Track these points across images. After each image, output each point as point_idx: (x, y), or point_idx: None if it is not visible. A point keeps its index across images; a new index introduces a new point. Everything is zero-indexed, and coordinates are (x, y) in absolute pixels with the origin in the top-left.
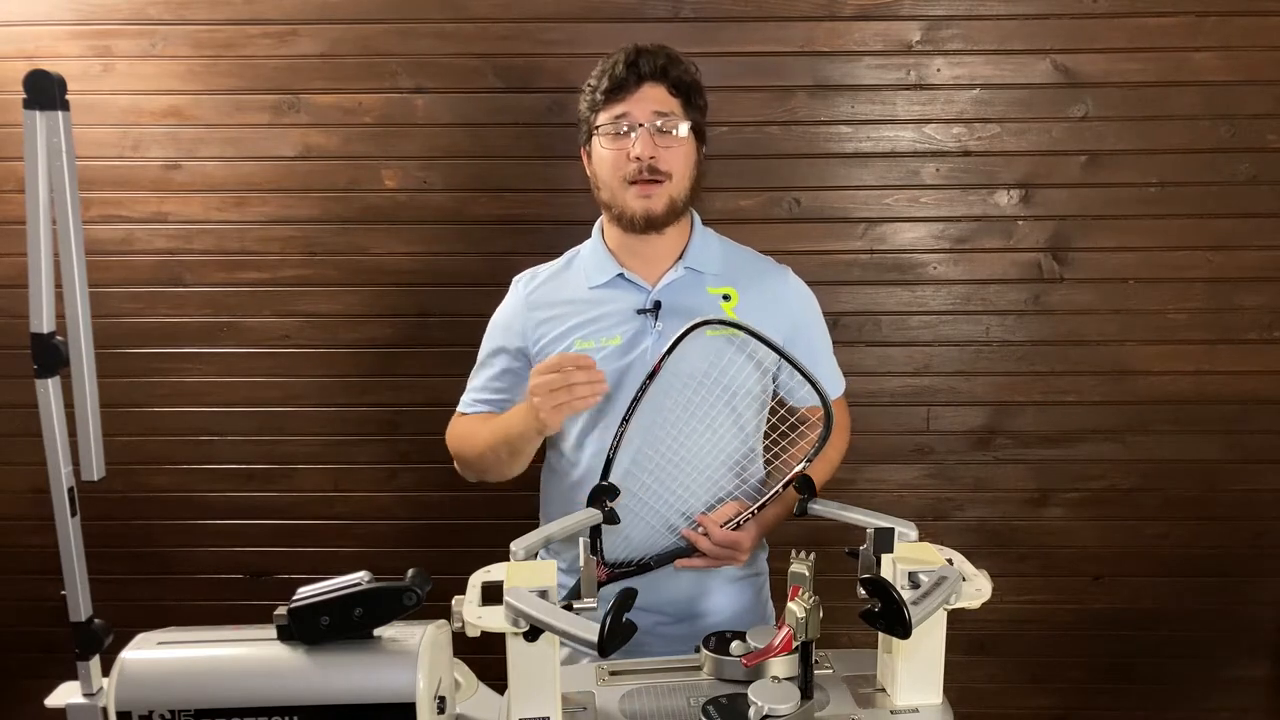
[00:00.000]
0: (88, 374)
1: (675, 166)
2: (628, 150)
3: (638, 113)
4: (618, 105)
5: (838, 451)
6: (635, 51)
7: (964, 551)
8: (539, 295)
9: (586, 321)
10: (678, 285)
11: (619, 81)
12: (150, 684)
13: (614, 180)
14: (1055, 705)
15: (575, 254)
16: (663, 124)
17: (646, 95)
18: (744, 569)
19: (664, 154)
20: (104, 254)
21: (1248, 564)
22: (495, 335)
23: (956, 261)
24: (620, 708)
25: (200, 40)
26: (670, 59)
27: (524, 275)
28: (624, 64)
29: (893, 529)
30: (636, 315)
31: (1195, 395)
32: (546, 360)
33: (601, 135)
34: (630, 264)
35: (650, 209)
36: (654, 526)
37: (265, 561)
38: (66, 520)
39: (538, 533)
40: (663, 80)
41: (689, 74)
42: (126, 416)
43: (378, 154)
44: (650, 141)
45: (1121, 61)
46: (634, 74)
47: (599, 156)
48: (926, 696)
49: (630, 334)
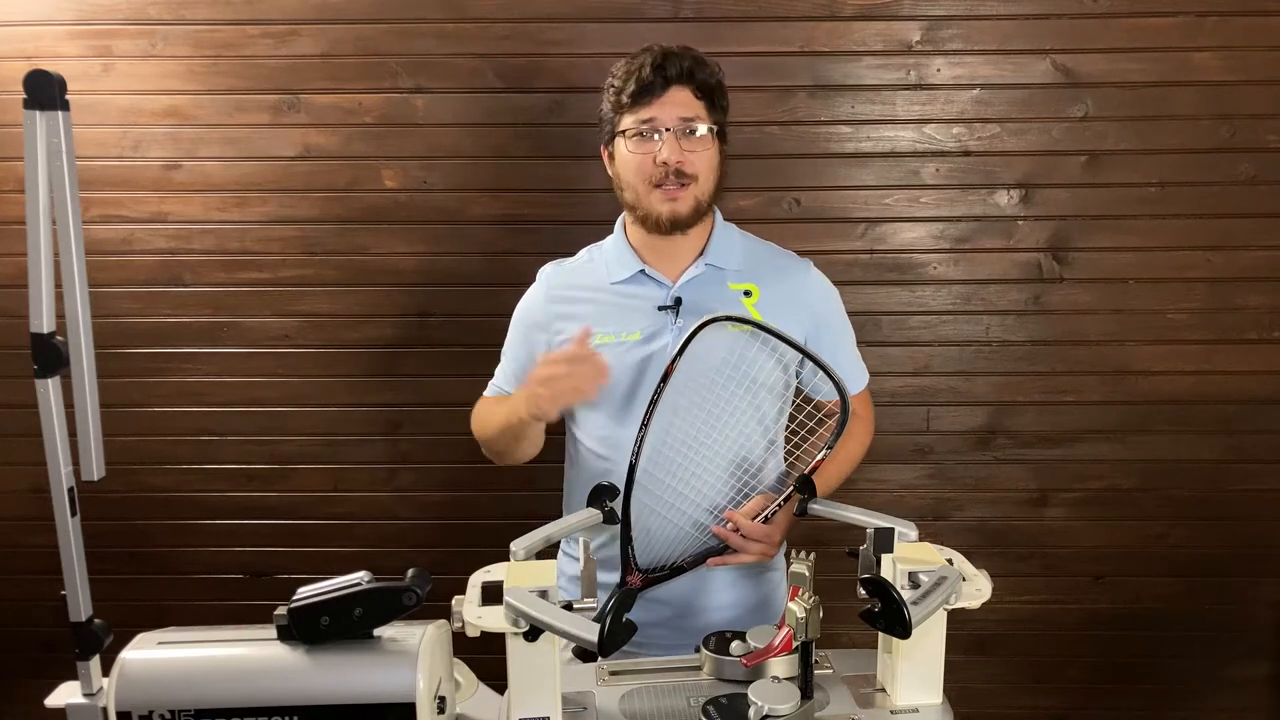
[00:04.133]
0: (88, 374)
1: (700, 169)
2: (654, 155)
3: (664, 117)
4: (644, 109)
5: (860, 444)
6: (662, 54)
7: (964, 551)
8: (561, 288)
9: (607, 316)
10: (699, 282)
11: (646, 85)
12: (150, 684)
13: (639, 183)
14: (1055, 705)
15: (598, 248)
16: (689, 128)
17: (673, 99)
18: (753, 564)
19: (689, 157)
20: (104, 254)
21: (1248, 564)
22: (517, 324)
23: (956, 261)
24: (620, 708)
25: (200, 40)
26: (696, 61)
27: (549, 266)
28: (651, 67)
29: (893, 529)
30: (657, 311)
31: (1195, 395)
32: (553, 353)
33: (628, 139)
34: (652, 260)
35: (676, 211)
36: (680, 526)
37: (265, 561)
38: (66, 520)
39: (538, 532)
40: (689, 83)
41: (714, 76)
42: (126, 416)
43: (378, 154)
44: (676, 146)
45: (1121, 61)
46: (660, 77)
47: (624, 159)
48: (926, 696)
49: (650, 329)
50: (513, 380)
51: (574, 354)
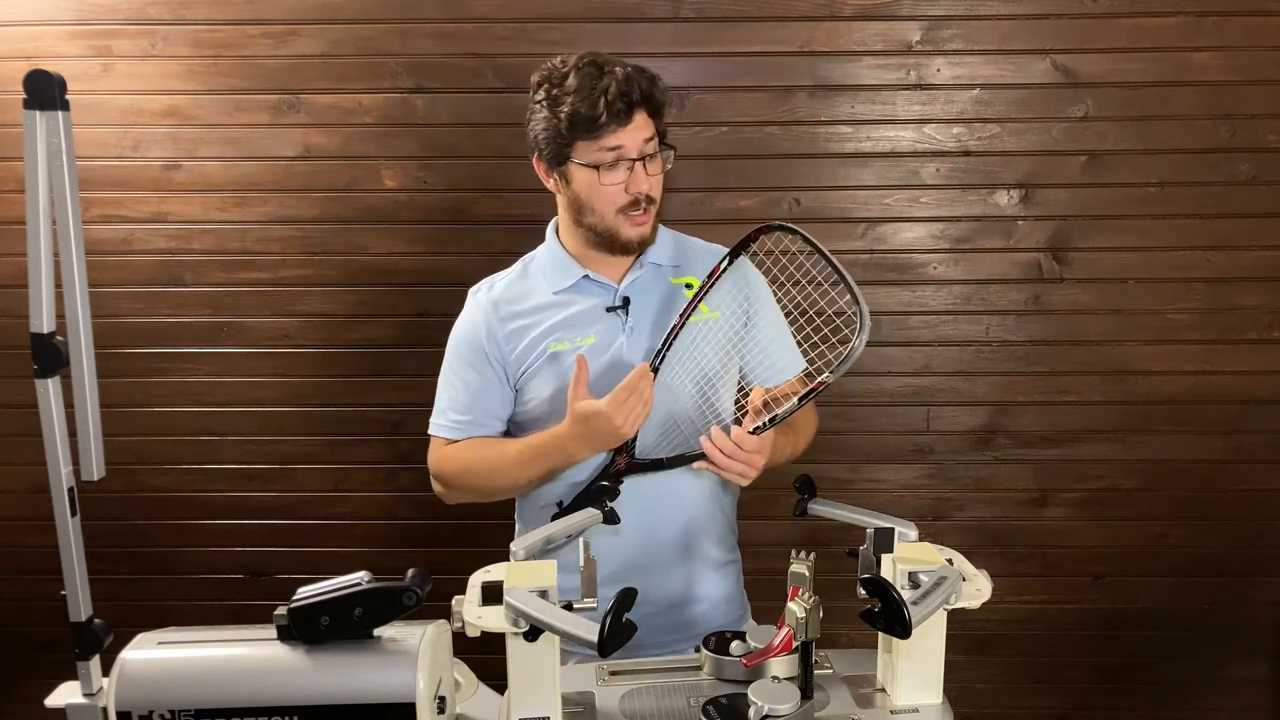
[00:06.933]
0: (88, 374)
1: (660, 189)
2: (625, 184)
3: (631, 145)
4: (610, 137)
5: (810, 425)
6: (625, 78)
7: (964, 551)
8: (505, 304)
9: (557, 324)
10: (642, 281)
11: (614, 112)
12: (150, 684)
13: (608, 211)
14: (1055, 705)
15: (531, 260)
16: (651, 151)
17: (637, 124)
18: (724, 554)
19: (654, 181)
20: (104, 254)
21: (1248, 564)
22: (462, 350)
23: (956, 261)
24: (620, 708)
25: (200, 40)
26: (652, 81)
27: (481, 286)
28: (617, 94)
29: (893, 529)
30: (606, 313)
31: (1195, 395)
32: (625, 384)
33: (601, 171)
34: (593, 265)
35: (644, 235)
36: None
37: (265, 561)
38: (66, 520)
39: (538, 532)
40: (645, 105)
41: (664, 93)
42: (126, 416)
43: (377, 154)
44: (644, 175)
45: (1121, 61)
46: (625, 104)
47: (587, 186)
48: (926, 696)
49: (603, 332)
50: (470, 409)
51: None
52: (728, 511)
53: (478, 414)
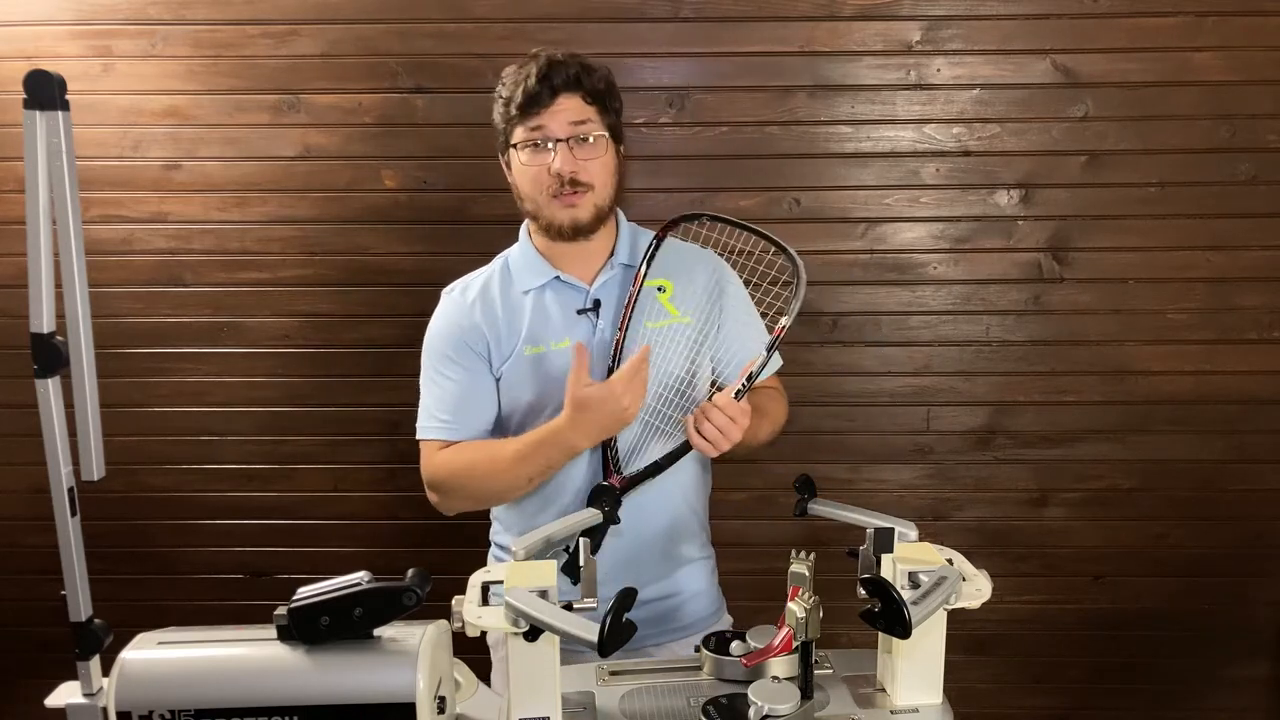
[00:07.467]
0: (88, 374)
1: (595, 176)
2: (548, 166)
3: (554, 126)
4: (533, 119)
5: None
6: (547, 63)
7: (964, 551)
8: (478, 305)
9: (529, 326)
10: (613, 282)
11: (533, 95)
12: (150, 684)
13: (537, 194)
14: (1055, 705)
15: (503, 260)
16: (580, 134)
17: (562, 107)
18: (698, 550)
19: (584, 165)
20: (104, 254)
21: (1248, 564)
22: (441, 349)
23: (956, 261)
24: (620, 708)
25: (200, 40)
26: (583, 68)
27: (455, 287)
28: (537, 77)
29: (893, 529)
30: (577, 316)
31: (1195, 395)
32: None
33: (520, 150)
34: (564, 265)
35: (576, 218)
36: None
37: (265, 561)
38: (66, 520)
39: (538, 532)
40: (577, 90)
41: (603, 80)
42: (126, 416)
43: (377, 154)
44: (570, 156)
45: (1121, 61)
46: (547, 86)
47: (519, 171)
48: (926, 696)
49: (575, 335)
50: (458, 407)
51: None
52: (699, 510)
53: (466, 411)
